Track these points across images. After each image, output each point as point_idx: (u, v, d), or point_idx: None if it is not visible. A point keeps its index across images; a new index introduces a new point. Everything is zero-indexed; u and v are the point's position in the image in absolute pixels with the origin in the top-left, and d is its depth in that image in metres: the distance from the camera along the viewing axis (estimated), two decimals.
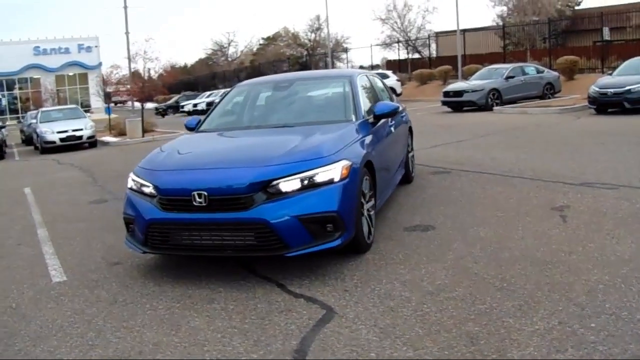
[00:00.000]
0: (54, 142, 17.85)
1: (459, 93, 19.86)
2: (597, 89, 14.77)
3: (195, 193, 4.10)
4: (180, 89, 52.14)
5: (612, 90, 14.28)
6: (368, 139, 5.09)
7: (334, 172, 4.17)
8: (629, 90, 13.93)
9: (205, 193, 4.08)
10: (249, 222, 4.03)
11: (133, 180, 4.71)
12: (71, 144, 17.84)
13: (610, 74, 15.72)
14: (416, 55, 41.22)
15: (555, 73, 21.53)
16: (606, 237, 4.74)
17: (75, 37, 47.41)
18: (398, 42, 41.64)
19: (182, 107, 39.63)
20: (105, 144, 19.20)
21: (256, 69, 55.50)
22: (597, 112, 14.93)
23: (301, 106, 5.88)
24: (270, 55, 56.37)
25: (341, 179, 4.18)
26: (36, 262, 5.41)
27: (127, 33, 22.98)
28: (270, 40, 62.13)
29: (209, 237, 4.18)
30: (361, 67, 41.17)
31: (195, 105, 37.80)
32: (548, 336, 3.11)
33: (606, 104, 14.61)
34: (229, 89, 6.45)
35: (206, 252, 4.29)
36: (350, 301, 3.78)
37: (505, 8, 35.77)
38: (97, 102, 37.28)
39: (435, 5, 68.78)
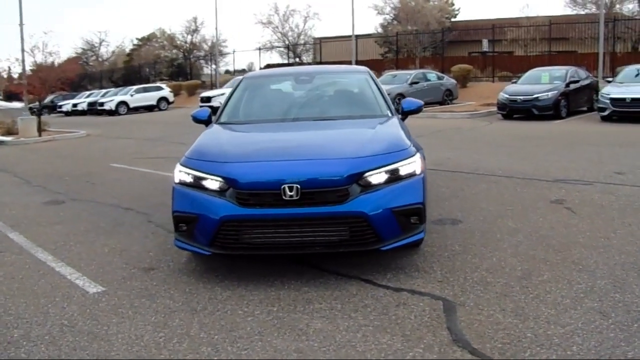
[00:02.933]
0: None
1: None
2: (506, 96, 16.14)
3: (285, 186, 3.88)
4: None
5: (521, 97, 15.71)
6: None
7: (416, 164, 4.19)
8: (537, 98, 15.43)
9: (298, 186, 3.87)
10: (346, 216, 3.89)
11: (185, 172, 4.31)
12: None
13: (515, 82, 17.20)
14: (297, 60, 41.70)
15: (454, 80, 23.16)
16: (623, 224, 5.27)
17: None
18: (287, 47, 41.95)
19: (60, 106, 36.65)
20: (0, 142, 17.23)
21: (133, 69, 52.88)
22: (504, 118, 16.32)
23: (332, 100, 5.79)
24: (144, 56, 53.94)
25: (422, 171, 4.22)
26: (43, 270, 4.77)
27: (21, 25, 20.56)
28: (145, 40, 59.22)
29: (298, 234, 3.96)
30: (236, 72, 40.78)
31: (75, 105, 35.19)
32: None
33: (516, 110, 16.02)
34: (239, 79, 6.12)
35: (291, 250, 4.04)
36: (455, 291, 3.84)
37: (387, 17, 37.67)
38: None
39: (317, 12, 70.75)
